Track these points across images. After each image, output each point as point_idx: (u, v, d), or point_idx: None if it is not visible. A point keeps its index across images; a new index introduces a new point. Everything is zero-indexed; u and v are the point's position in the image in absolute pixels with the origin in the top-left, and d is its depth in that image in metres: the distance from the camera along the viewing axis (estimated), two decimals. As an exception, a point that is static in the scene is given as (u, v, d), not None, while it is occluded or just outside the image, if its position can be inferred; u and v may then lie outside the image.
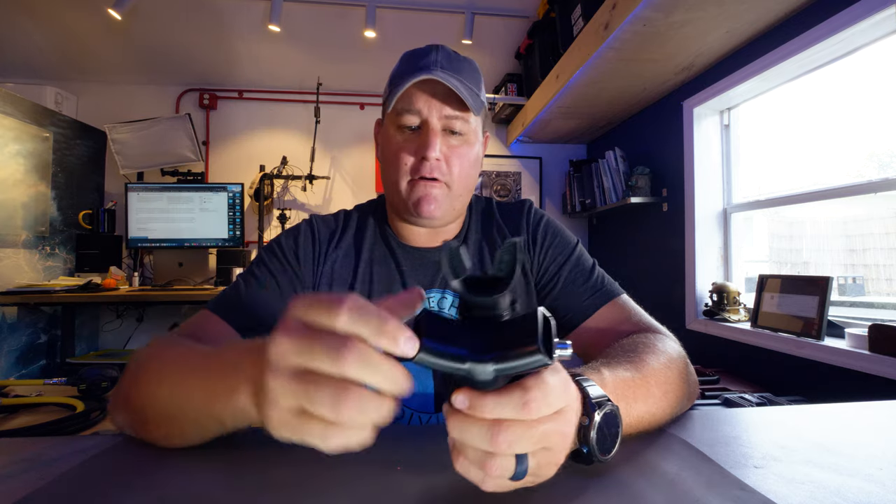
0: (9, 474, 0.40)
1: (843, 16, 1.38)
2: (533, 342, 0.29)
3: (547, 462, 0.34)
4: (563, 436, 0.34)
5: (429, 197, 0.68)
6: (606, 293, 0.71)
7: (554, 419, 0.33)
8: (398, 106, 0.68)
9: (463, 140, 0.70)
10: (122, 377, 0.53)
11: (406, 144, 0.69)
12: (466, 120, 0.69)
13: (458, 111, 0.68)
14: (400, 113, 0.68)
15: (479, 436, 0.31)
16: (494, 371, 0.30)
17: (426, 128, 0.68)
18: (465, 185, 0.72)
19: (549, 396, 0.32)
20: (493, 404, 0.31)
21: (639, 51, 1.80)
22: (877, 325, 1.28)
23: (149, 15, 2.52)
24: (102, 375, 0.97)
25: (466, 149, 0.70)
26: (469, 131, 0.70)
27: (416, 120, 0.68)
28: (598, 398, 0.39)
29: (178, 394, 0.44)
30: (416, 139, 0.69)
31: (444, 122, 0.68)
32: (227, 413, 0.40)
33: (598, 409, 0.38)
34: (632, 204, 2.33)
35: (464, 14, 2.65)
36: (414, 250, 0.75)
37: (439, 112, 0.67)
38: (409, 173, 0.69)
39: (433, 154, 0.67)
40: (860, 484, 0.39)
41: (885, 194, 1.42)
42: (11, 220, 2.18)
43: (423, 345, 0.31)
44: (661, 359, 0.54)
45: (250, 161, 3.00)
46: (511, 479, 0.33)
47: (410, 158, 0.69)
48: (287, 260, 0.71)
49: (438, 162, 0.68)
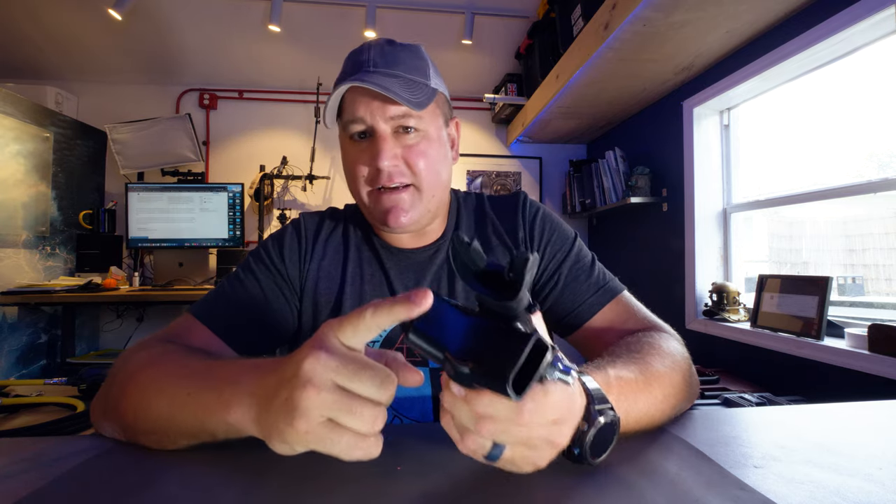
0: (9, 474, 0.40)
1: (842, 16, 1.38)
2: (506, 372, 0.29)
3: (524, 458, 0.35)
4: (551, 444, 0.35)
5: (396, 208, 0.65)
6: (609, 291, 0.69)
7: (546, 427, 0.34)
8: (344, 117, 0.65)
9: (420, 136, 0.65)
10: (107, 386, 0.52)
11: (360, 154, 0.65)
12: (417, 116, 0.64)
13: (403, 107, 0.63)
14: (346, 123, 0.65)
15: (468, 416, 0.34)
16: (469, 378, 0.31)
17: (374, 135, 0.64)
18: (436, 181, 0.68)
19: (547, 410, 0.33)
20: (487, 401, 0.33)
21: (639, 51, 1.80)
22: (876, 324, 1.28)
23: (149, 15, 2.52)
24: (103, 375, 0.97)
25: (426, 144, 0.66)
26: (425, 126, 0.65)
27: (362, 126, 0.64)
28: (601, 406, 0.39)
29: (171, 412, 0.44)
30: (367, 147, 0.65)
31: (392, 123, 0.63)
32: (221, 428, 0.41)
33: (599, 417, 0.38)
34: (632, 204, 2.33)
35: (464, 14, 2.65)
36: (399, 251, 0.73)
37: (383, 115, 0.63)
38: (367, 184, 0.66)
39: (384, 163, 0.62)
40: (860, 484, 0.39)
41: (885, 194, 1.42)
42: (12, 220, 2.18)
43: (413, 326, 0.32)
44: (666, 361, 0.54)
45: (250, 161, 3.00)
46: (485, 458, 0.35)
47: (365, 169, 0.65)
48: (272, 262, 0.70)
49: (396, 167, 0.64)
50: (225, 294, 0.67)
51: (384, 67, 0.64)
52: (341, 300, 0.70)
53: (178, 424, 0.44)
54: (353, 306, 0.70)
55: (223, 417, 0.40)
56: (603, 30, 1.74)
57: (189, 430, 0.43)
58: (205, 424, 0.42)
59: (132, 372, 0.50)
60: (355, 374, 0.34)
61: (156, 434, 0.45)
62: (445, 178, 0.70)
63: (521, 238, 0.74)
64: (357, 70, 0.64)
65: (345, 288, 0.70)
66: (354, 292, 0.70)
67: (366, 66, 0.63)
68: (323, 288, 0.71)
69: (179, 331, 0.62)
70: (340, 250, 0.74)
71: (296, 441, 0.34)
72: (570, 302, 0.70)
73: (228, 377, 0.42)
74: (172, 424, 0.44)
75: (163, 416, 0.44)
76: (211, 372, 0.44)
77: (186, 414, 0.43)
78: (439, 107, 0.69)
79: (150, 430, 0.46)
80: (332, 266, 0.72)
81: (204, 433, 0.43)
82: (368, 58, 0.64)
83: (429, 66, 0.68)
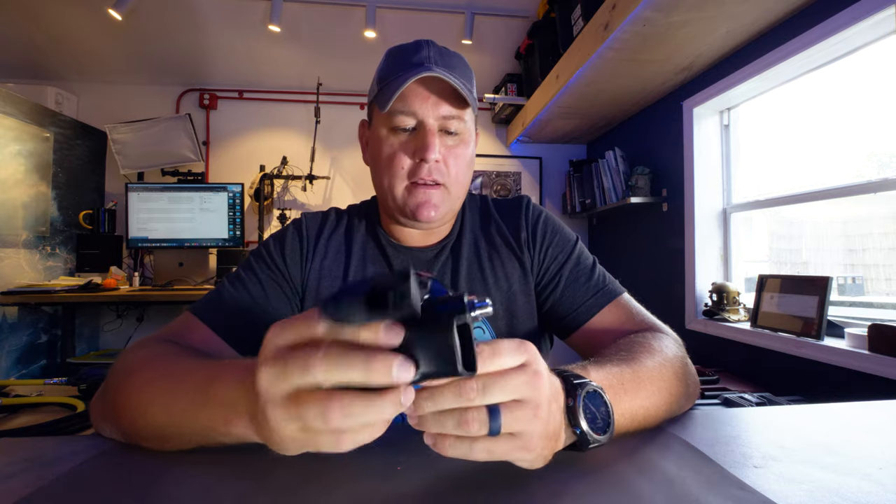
0: (9, 474, 0.40)
1: (842, 16, 1.38)
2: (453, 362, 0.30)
3: (523, 416, 0.34)
4: (534, 388, 0.35)
5: (429, 203, 0.66)
6: (609, 293, 0.70)
7: (520, 371, 0.34)
8: (392, 107, 0.64)
9: (459, 140, 0.68)
10: (106, 387, 0.52)
11: (402, 147, 0.66)
12: (462, 119, 0.66)
13: (455, 109, 0.65)
14: (393, 114, 0.65)
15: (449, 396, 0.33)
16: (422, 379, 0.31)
17: (423, 129, 0.65)
18: (463, 186, 0.71)
19: (503, 352, 0.34)
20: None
21: (638, 51, 1.80)
22: (876, 324, 1.28)
23: (149, 15, 2.52)
24: (103, 375, 0.97)
25: (463, 149, 0.68)
26: (465, 130, 0.68)
27: (412, 121, 0.65)
28: (578, 380, 0.40)
29: (172, 420, 0.43)
30: (412, 141, 0.66)
31: (440, 122, 0.65)
32: (227, 439, 0.41)
33: (580, 389, 0.40)
34: (632, 204, 2.33)
35: (464, 14, 2.65)
36: (406, 250, 0.74)
37: (436, 112, 0.64)
38: (406, 177, 0.66)
39: (433, 156, 0.64)
40: (859, 483, 0.39)
41: (885, 194, 1.42)
42: (12, 220, 2.18)
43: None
44: (656, 357, 0.53)
45: (250, 161, 3.00)
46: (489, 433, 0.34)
47: (407, 161, 0.66)
48: (273, 261, 0.70)
49: (437, 164, 0.65)
50: (225, 293, 0.66)
51: (444, 68, 0.65)
52: None
53: (180, 432, 0.43)
54: None
55: (227, 432, 0.40)
56: (603, 30, 1.74)
57: (193, 438, 0.43)
58: (210, 433, 0.41)
59: (129, 374, 0.50)
60: (282, 373, 0.31)
61: (157, 439, 0.45)
62: (468, 182, 0.73)
63: (524, 239, 0.75)
64: (419, 64, 0.64)
65: None
66: None
67: (427, 62, 0.65)
68: (325, 287, 0.71)
69: (179, 329, 0.62)
70: (342, 250, 0.74)
71: (285, 450, 0.34)
72: (569, 304, 0.70)
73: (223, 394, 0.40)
74: (175, 431, 0.44)
75: (164, 423, 0.44)
76: (206, 385, 0.43)
77: (189, 422, 0.42)
78: (475, 117, 0.72)
79: (152, 435, 0.45)
80: (334, 265, 0.72)
81: (209, 440, 0.42)
82: (429, 55, 0.66)
83: (473, 76, 0.71)
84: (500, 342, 0.34)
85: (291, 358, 0.31)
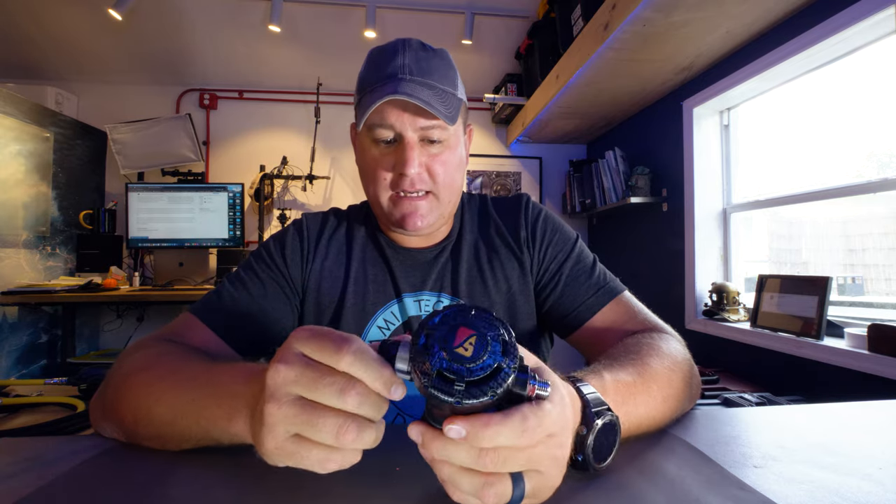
0: (9, 474, 0.40)
1: (842, 16, 1.38)
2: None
3: (542, 485, 0.33)
4: (554, 459, 0.33)
5: (415, 213, 0.66)
6: (609, 291, 0.69)
7: (544, 442, 0.32)
8: (369, 120, 0.64)
9: (443, 146, 0.66)
10: (107, 386, 0.52)
11: (383, 159, 0.65)
12: (444, 126, 0.64)
13: (434, 120, 0.63)
14: (372, 127, 0.64)
15: (469, 457, 0.31)
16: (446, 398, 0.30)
17: (402, 142, 0.64)
18: (454, 190, 0.69)
19: (545, 422, 0.31)
20: (492, 432, 0.30)
21: (638, 51, 1.80)
22: (876, 324, 1.28)
23: (149, 15, 2.52)
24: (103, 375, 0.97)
25: (448, 154, 0.67)
26: (448, 136, 0.66)
27: (391, 134, 0.64)
28: (598, 408, 0.38)
29: (172, 418, 0.44)
30: (392, 153, 0.65)
31: (420, 133, 0.64)
32: (225, 437, 0.41)
33: (597, 419, 0.38)
34: (632, 204, 2.33)
35: (464, 14, 2.65)
36: (405, 251, 0.73)
37: (413, 124, 0.63)
38: (389, 188, 0.66)
39: (412, 171, 0.63)
40: (859, 483, 0.39)
41: (885, 194, 1.42)
42: (12, 220, 2.18)
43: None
44: (665, 362, 0.53)
45: (250, 161, 3.00)
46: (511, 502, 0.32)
47: (388, 174, 0.65)
48: (274, 262, 0.70)
49: (420, 175, 0.65)
50: (225, 293, 0.66)
51: (419, 76, 0.63)
52: (343, 300, 0.70)
53: (180, 430, 0.43)
54: (356, 306, 0.70)
55: (227, 428, 0.40)
56: (603, 30, 1.74)
57: (193, 437, 0.43)
58: (209, 432, 0.42)
59: (131, 372, 0.50)
60: (313, 384, 0.32)
61: (158, 439, 0.45)
62: (459, 185, 0.71)
63: (524, 238, 0.74)
64: (392, 77, 0.63)
65: (347, 288, 0.70)
66: (357, 292, 0.71)
67: (401, 73, 0.63)
68: (325, 288, 0.71)
69: (179, 329, 0.62)
70: (343, 250, 0.74)
71: (269, 458, 0.33)
72: (570, 302, 0.70)
73: (232, 388, 0.41)
74: (175, 430, 0.44)
75: (164, 422, 0.44)
76: (212, 378, 0.44)
77: (189, 421, 0.42)
78: (461, 116, 0.69)
79: (153, 434, 0.46)
80: (334, 266, 0.72)
81: (208, 439, 0.43)
82: (403, 63, 0.63)
83: (456, 74, 0.69)
84: (545, 411, 0.32)
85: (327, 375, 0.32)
